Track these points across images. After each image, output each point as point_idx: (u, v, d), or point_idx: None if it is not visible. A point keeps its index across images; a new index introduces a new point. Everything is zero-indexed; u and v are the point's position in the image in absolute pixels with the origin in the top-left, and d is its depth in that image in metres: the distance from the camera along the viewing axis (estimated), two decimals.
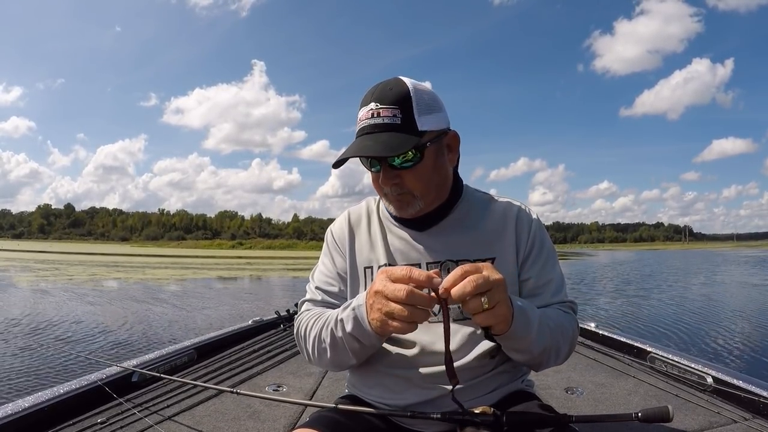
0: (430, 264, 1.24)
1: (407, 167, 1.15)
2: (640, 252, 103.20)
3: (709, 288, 18.53)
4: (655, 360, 2.50)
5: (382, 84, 1.17)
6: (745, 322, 10.38)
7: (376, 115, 1.13)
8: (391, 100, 1.13)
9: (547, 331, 1.11)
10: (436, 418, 1.06)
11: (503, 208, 1.30)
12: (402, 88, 1.15)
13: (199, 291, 17.00)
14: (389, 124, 1.12)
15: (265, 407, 1.97)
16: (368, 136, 1.13)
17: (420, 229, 1.26)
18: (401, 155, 1.14)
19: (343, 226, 1.35)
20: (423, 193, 1.19)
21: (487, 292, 0.94)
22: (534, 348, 1.11)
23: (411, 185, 1.17)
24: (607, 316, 10.96)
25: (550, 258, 1.29)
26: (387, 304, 0.98)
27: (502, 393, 1.22)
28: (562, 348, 1.18)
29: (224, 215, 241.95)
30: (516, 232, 1.26)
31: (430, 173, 1.19)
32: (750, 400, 1.90)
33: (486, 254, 1.23)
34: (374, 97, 1.14)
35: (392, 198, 1.20)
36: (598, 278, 23.75)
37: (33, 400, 1.67)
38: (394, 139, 1.11)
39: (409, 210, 1.21)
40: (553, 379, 2.35)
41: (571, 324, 1.22)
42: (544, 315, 1.13)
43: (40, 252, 56.15)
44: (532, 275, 1.25)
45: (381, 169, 1.17)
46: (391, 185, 1.17)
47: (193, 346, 2.56)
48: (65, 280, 19.30)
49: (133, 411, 1.81)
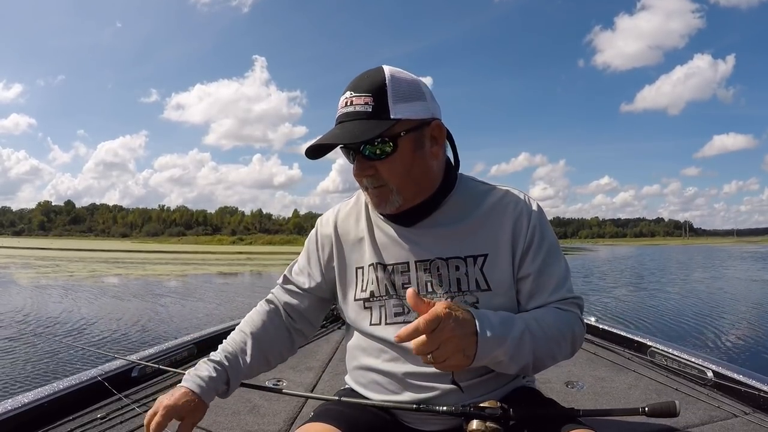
0: (418, 262, 1.18)
1: (381, 158, 1.10)
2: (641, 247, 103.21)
3: (710, 283, 18.53)
4: (655, 354, 2.50)
5: (362, 73, 1.13)
6: (745, 316, 10.38)
7: (349, 104, 1.09)
8: (365, 89, 1.09)
9: (528, 347, 1.03)
10: (442, 411, 1.05)
11: (501, 199, 1.21)
12: (378, 76, 1.10)
13: (200, 286, 17.01)
14: (360, 112, 1.08)
15: (265, 401, 1.97)
16: (338, 126, 1.10)
17: (407, 225, 1.20)
18: (374, 145, 1.10)
19: (328, 228, 1.32)
20: (400, 187, 1.13)
21: (434, 351, 0.92)
22: (512, 368, 1.05)
23: (386, 177, 1.12)
24: (608, 311, 10.98)
25: (552, 252, 1.19)
26: (151, 413, 1.09)
27: (504, 391, 1.19)
28: (559, 352, 1.12)
29: (224, 211, 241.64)
30: (513, 226, 1.17)
31: (407, 165, 1.12)
32: (750, 394, 1.89)
33: (477, 251, 1.16)
34: (350, 86, 1.11)
35: (370, 192, 1.16)
36: (599, 273, 23.74)
37: (33, 396, 1.67)
38: (359, 127, 1.07)
39: (387, 206, 1.15)
40: (553, 373, 2.35)
41: (571, 325, 1.14)
42: (528, 331, 1.05)
43: (41, 249, 56.14)
44: (532, 271, 1.16)
45: (356, 161, 1.13)
46: (365, 177, 1.13)
47: (194, 340, 2.55)
48: (66, 276, 19.31)
49: (133, 406, 1.81)
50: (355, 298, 1.24)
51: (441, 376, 1.13)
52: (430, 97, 1.15)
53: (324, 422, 1.07)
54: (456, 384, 1.02)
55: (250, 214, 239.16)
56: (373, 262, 1.22)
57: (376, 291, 1.21)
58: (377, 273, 1.21)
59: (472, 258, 1.16)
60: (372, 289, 1.21)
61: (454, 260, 1.16)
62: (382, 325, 1.19)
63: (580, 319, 1.18)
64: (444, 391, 1.13)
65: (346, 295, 1.27)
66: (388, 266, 1.20)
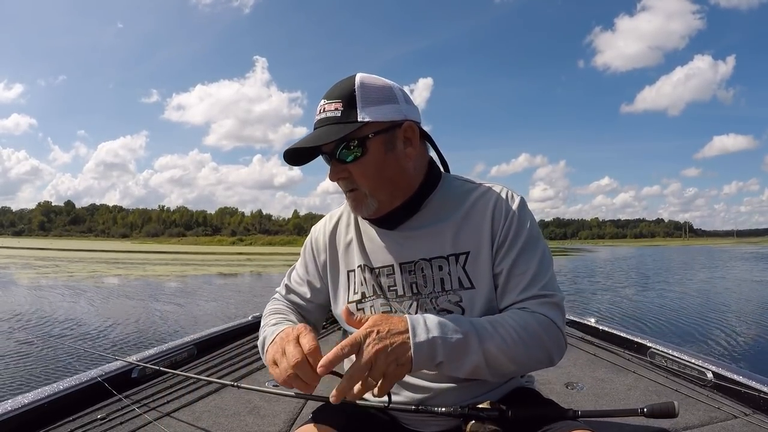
0: (403, 264, 1.19)
1: (351, 161, 1.13)
2: (641, 248, 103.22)
3: (710, 283, 18.53)
4: (655, 355, 2.50)
5: (337, 81, 1.17)
6: (745, 317, 10.37)
7: (322, 111, 1.13)
8: (335, 95, 1.13)
9: (474, 348, 1.00)
10: (440, 412, 1.05)
11: (482, 196, 1.20)
12: (349, 83, 1.13)
13: (200, 287, 17.01)
14: (330, 117, 1.11)
15: (265, 402, 1.97)
16: (312, 132, 1.14)
17: (390, 228, 1.22)
18: (349, 149, 1.12)
19: (321, 231, 1.36)
20: (372, 189, 1.15)
21: (370, 372, 0.94)
22: (460, 371, 1.02)
23: (358, 180, 1.14)
24: (607, 312, 10.97)
25: (528, 247, 1.15)
26: (281, 356, 1.02)
27: (503, 391, 1.19)
28: (525, 355, 1.05)
29: (224, 211, 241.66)
30: (491, 222, 1.16)
31: (378, 167, 1.13)
32: (750, 395, 1.90)
33: (460, 249, 1.16)
34: (325, 94, 1.15)
35: (348, 197, 1.19)
36: (599, 273, 23.74)
37: (33, 396, 1.67)
38: (326, 131, 1.10)
39: (363, 210, 1.18)
40: (553, 374, 2.35)
41: (538, 324, 1.07)
42: (476, 332, 1.02)
43: (41, 249, 56.16)
44: (504, 267, 1.13)
45: (331, 165, 1.16)
46: (338, 179, 1.17)
47: (193, 341, 2.56)
48: (66, 277, 19.30)
49: (133, 407, 1.81)
50: (348, 300, 1.26)
51: (439, 376, 1.14)
52: (404, 100, 1.17)
53: (321, 423, 1.08)
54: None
55: (250, 215, 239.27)
56: (361, 264, 1.25)
57: (368, 292, 1.23)
58: (364, 274, 1.24)
59: (454, 256, 1.17)
60: (363, 291, 1.24)
61: (437, 260, 1.18)
62: None
63: (553, 317, 1.09)
64: (441, 391, 1.14)
65: (339, 299, 1.29)
66: (375, 269, 1.23)
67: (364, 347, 0.94)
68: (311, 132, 1.14)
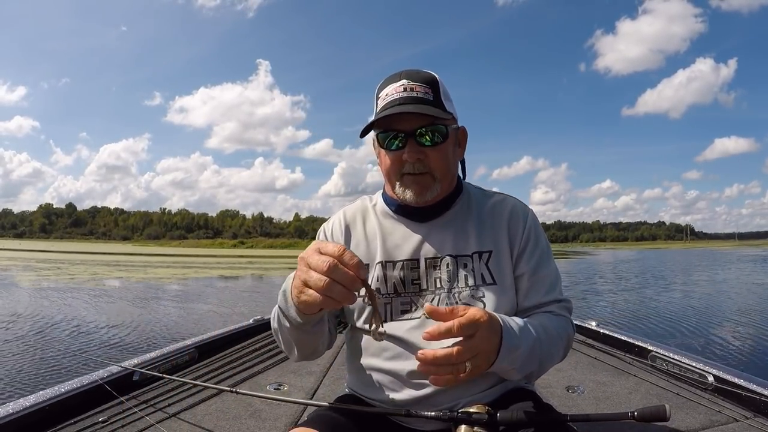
0: (428, 259, 1.24)
1: (430, 145, 1.18)
2: (642, 251, 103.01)
3: (711, 286, 18.50)
4: (656, 359, 2.50)
5: (405, 70, 1.21)
6: (746, 321, 10.35)
7: (410, 90, 1.17)
8: (422, 80, 1.19)
9: (537, 356, 1.11)
10: (430, 416, 1.06)
11: (499, 203, 1.31)
12: (428, 73, 1.21)
13: (201, 290, 17.01)
14: (423, 98, 1.17)
15: (266, 406, 1.97)
16: (404, 106, 1.15)
17: (420, 221, 1.27)
18: (433, 132, 1.17)
19: (337, 226, 1.34)
20: (442, 175, 1.21)
21: (472, 358, 0.97)
22: (516, 376, 1.13)
23: (434, 164, 1.19)
24: (608, 315, 10.96)
25: (545, 254, 1.27)
26: (307, 271, 0.93)
27: (500, 391, 1.21)
28: (557, 358, 1.20)
29: (226, 214, 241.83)
30: (509, 227, 1.26)
31: (449, 157, 1.22)
32: (751, 399, 1.90)
33: (483, 247, 1.24)
34: (404, 76, 1.19)
35: (411, 181, 1.21)
36: (600, 277, 23.71)
37: (34, 399, 1.68)
38: (428, 109, 1.15)
39: (427, 193, 1.21)
40: (554, 378, 2.35)
41: (566, 329, 1.22)
42: (539, 340, 1.10)
43: (42, 251, 56.17)
44: (526, 271, 1.24)
45: (406, 145, 1.18)
46: (416, 160, 1.18)
47: (194, 345, 2.56)
48: (67, 279, 19.31)
49: (134, 410, 1.82)
50: (360, 294, 1.25)
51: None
52: None
53: (313, 428, 1.08)
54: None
55: (252, 218, 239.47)
56: (382, 260, 1.26)
57: (383, 288, 1.23)
58: (385, 270, 1.24)
59: (478, 254, 1.23)
60: (378, 286, 1.24)
61: (462, 258, 1.23)
62: (387, 321, 1.21)
63: (571, 322, 1.26)
64: (440, 391, 1.16)
65: None
66: (398, 263, 1.25)
67: (480, 333, 0.97)
68: (402, 106, 1.16)
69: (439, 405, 1.14)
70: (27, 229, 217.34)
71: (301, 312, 1.01)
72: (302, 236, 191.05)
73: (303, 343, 1.17)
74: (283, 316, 1.09)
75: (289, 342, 1.17)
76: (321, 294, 0.91)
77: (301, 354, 1.20)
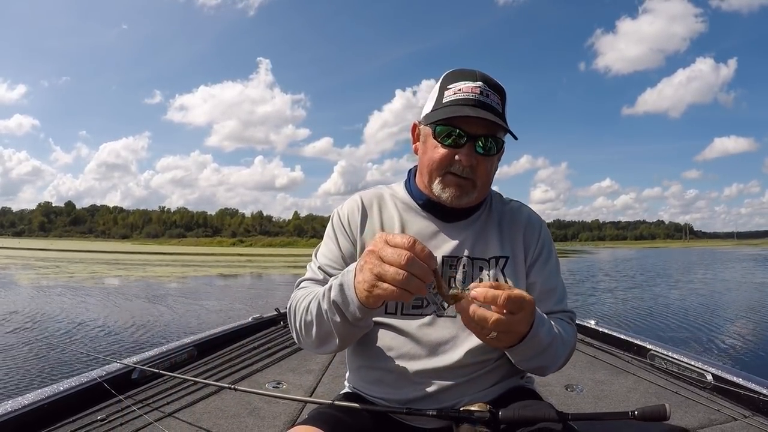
0: (446, 257, 1.24)
1: (483, 153, 1.18)
2: (642, 250, 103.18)
3: (710, 285, 18.53)
4: (655, 357, 2.50)
5: (478, 71, 1.20)
6: (745, 320, 10.38)
7: (484, 95, 1.17)
8: (495, 87, 1.20)
9: (551, 352, 1.13)
10: (431, 415, 1.07)
11: (516, 210, 1.34)
12: (500, 84, 1.22)
13: (200, 288, 17.01)
14: (495, 108, 1.17)
15: (264, 404, 1.97)
16: (481, 110, 1.15)
17: (446, 220, 1.28)
18: (491, 142, 1.18)
19: (355, 209, 1.31)
20: (483, 184, 1.22)
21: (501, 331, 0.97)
22: (526, 365, 1.17)
23: (480, 172, 1.20)
24: (608, 314, 10.98)
25: (556, 266, 1.32)
26: (381, 265, 0.91)
27: (502, 389, 1.23)
28: (562, 363, 1.22)
29: (225, 213, 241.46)
30: (525, 236, 1.29)
31: (493, 169, 1.24)
32: (750, 397, 1.90)
33: (500, 253, 1.26)
34: (480, 77, 1.19)
35: (453, 182, 1.20)
36: (599, 276, 23.73)
37: (33, 397, 1.68)
38: (501, 119, 1.16)
39: (464, 198, 1.21)
40: (553, 376, 2.34)
41: (573, 336, 1.26)
42: (555, 339, 1.14)
43: (41, 250, 56.16)
44: (538, 281, 1.27)
45: (463, 147, 1.17)
46: (469, 166, 1.17)
47: (194, 343, 2.56)
48: (66, 277, 19.31)
49: (133, 408, 1.81)
50: None
51: (444, 372, 1.17)
52: None
53: (313, 426, 1.08)
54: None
55: (251, 216, 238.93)
56: None
57: None
58: None
59: (494, 259, 1.25)
60: None
61: (479, 261, 1.25)
62: (398, 315, 1.22)
63: (576, 332, 1.30)
64: (446, 387, 1.17)
65: None
66: None
67: (521, 313, 0.98)
68: (474, 108, 1.15)
69: (440, 403, 1.15)
70: (26, 228, 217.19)
71: (367, 306, 0.99)
72: (301, 235, 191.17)
73: (351, 337, 1.14)
74: (336, 312, 1.05)
75: (328, 335, 1.11)
76: (398, 287, 0.90)
77: (342, 346, 1.15)
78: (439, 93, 1.21)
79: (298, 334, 1.20)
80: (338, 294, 1.03)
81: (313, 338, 1.14)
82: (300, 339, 1.20)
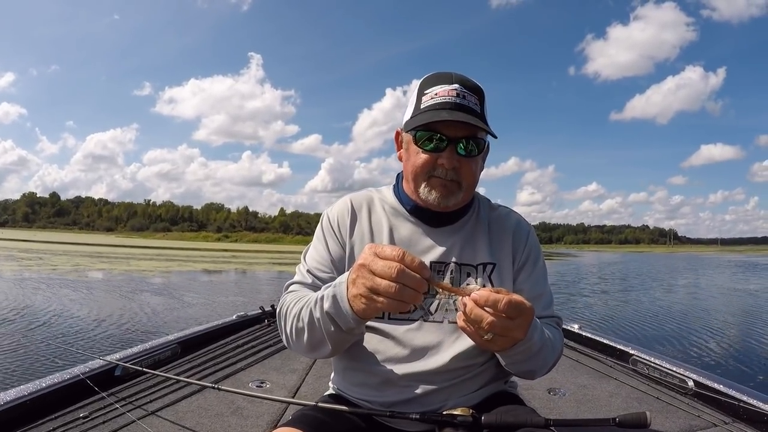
0: (434, 263, 1.24)
1: (471, 155, 1.19)
2: (626, 254, 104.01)
3: (692, 292, 18.72)
4: (637, 363, 2.52)
5: (454, 73, 1.20)
6: (727, 326, 10.50)
7: (462, 97, 1.17)
8: (472, 88, 1.19)
9: (540, 356, 1.14)
10: (414, 418, 1.08)
11: (505, 216, 1.34)
12: (475, 83, 1.21)
13: (184, 284, 16.89)
14: (473, 109, 1.17)
15: (248, 403, 1.96)
16: (458, 113, 1.14)
17: (433, 225, 1.27)
18: (472, 144, 1.18)
19: (344, 212, 1.31)
20: (468, 185, 1.22)
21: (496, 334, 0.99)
22: (515, 369, 1.17)
23: (465, 174, 1.19)
24: (591, 318, 11.04)
25: (543, 272, 1.33)
26: (372, 278, 0.93)
27: (485, 393, 1.23)
28: (550, 367, 1.23)
29: (211, 207, 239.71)
30: (513, 242, 1.30)
31: (477, 171, 1.24)
32: (730, 404, 1.92)
33: (487, 260, 1.26)
34: (456, 80, 1.18)
35: (438, 184, 1.20)
36: (583, 279, 23.88)
37: (15, 394, 1.66)
38: (479, 121, 1.16)
39: (451, 198, 1.21)
40: (536, 380, 2.36)
41: (561, 341, 1.28)
42: (545, 345, 1.14)
43: (24, 241, 55.54)
44: (526, 287, 1.27)
45: (444, 151, 1.17)
46: (452, 168, 1.18)
47: (177, 340, 2.55)
48: (49, 270, 19.10)
49: (116, 405, 1.80)
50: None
51: (428, 376, 1.17)
52: None
53: (296, 428, 1.08)
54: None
55: (237, 212, 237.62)
56: None
57: None
58: None
59: (482, 266, 1.25)
60: None
61: (466, 267, 1.25)
62: (385, 319, 1.22)
63: (562, 337, 1.32)
64: (430, 391, 1.17)
65: None
66: None
67: (519, 319, 0.99)
68: (457, 113, 1.15)
69: (424, 407, 1.15)
70: (9, 218, 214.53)
71: (363, 318, 1.01)
72: (287, 231, 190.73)
73: (344, 343, 1.15)
74: (330, 322, 1.05)
75: (320, 342, 1.11)
76: (392, 299, 0.92)
77: (334, 352, 1.15)
78: (417, 99, 1.22)
79: (288, 339, 1.19)
80: (332, 306, 1.04)
81: (305, 344, 1.14)
82: (291, 344, 1.20)
